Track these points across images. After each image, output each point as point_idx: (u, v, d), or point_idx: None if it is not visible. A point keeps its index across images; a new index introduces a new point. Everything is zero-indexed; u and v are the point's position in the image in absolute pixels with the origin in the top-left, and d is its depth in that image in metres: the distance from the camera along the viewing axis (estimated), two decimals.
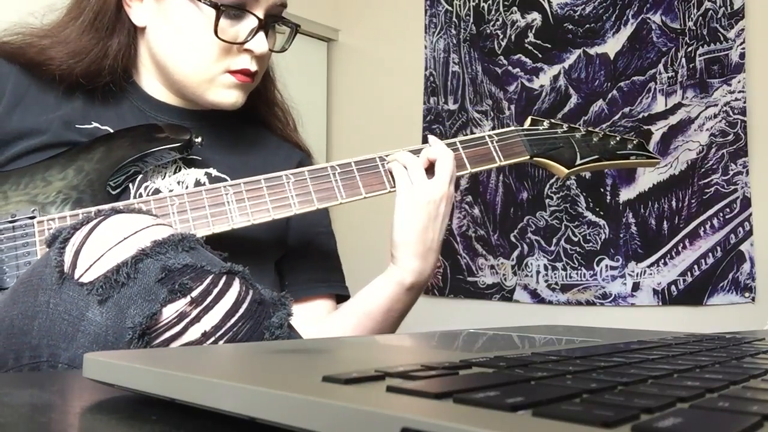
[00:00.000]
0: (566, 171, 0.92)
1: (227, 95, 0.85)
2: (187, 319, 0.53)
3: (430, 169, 0.84)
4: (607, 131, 0.98)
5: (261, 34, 0.83)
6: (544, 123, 0.95)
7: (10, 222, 0.73)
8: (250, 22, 0.83)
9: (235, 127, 0.92)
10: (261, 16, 0.83)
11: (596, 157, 0.94)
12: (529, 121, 0.95)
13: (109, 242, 0.55)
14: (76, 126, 0.82)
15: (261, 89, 0.93)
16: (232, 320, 0.54)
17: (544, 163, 0.93)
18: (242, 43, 0.82)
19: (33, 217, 0.74)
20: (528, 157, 0.91)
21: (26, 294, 0.55)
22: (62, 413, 0.30)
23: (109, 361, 0.31)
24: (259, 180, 0.80)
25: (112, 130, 0.82)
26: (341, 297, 0.94)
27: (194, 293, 0.53)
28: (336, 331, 0.82)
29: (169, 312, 0.53)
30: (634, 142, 0.98)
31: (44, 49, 0.82)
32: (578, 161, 0.93)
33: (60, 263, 0.55)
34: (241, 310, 0.55)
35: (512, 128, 0.94)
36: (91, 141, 0.80)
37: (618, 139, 0.97)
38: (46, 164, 0.78)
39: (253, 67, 0.84)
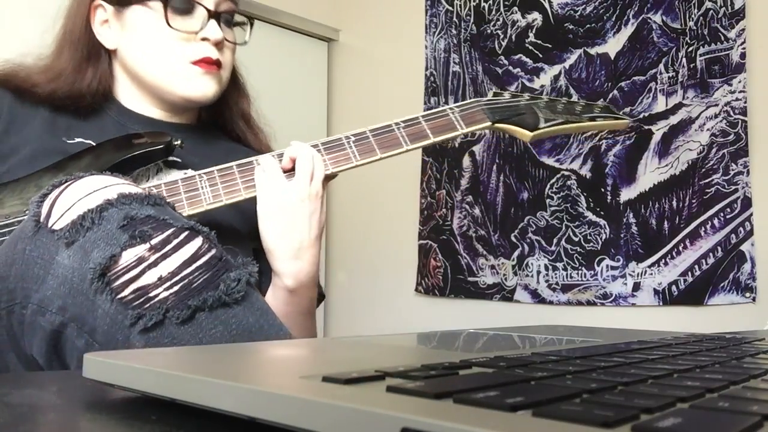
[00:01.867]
0: (530, 134, 0.91)
1: (196, 86, 0.90)
2: (145, 264, 0.55)
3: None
4: (572, 99, 0.98)
5: (213, 22, 0.89)
6: (505, 94, 0.97)
7: (4, 223, 0.78)
8: (201, 12, 0.89)
9: (213, 138, 0.99)
10: (210, 8, 0.89)
11: (561, 120, 0.93)
12: (491, 93, 0.97)
13: (81, 194, 0.59)
14: (63, 139, 0.87)
15: (233, 106, 1.00)
16: (189, 269, 0.56)
17: (507, 129, 0.93)
18: (196, 32, 0.89)
19: None
20: (489, 123, 0.92)
21: (8, 245, 0.60)
22: (62, 413, 0.30)
23: (109, 361, 0.31)
24: (231, 166, 0.85)
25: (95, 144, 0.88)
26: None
27: (153, 241, 0.56)
28: None
29: (128, 256, 0.55)
30: (600, 106, 0.97)
31: (30, 76, 0.89)
32: (542, 125, 0.92)
33: (37, 214, 0.59)
34: (199, 262, 0.57)
35: (473, 100, 0.95)
36: (79, 152, 0.86)
37: (583, 104, 0.97)
38: (39, 174, 0.83)
39: (213, 54, 0.90)
